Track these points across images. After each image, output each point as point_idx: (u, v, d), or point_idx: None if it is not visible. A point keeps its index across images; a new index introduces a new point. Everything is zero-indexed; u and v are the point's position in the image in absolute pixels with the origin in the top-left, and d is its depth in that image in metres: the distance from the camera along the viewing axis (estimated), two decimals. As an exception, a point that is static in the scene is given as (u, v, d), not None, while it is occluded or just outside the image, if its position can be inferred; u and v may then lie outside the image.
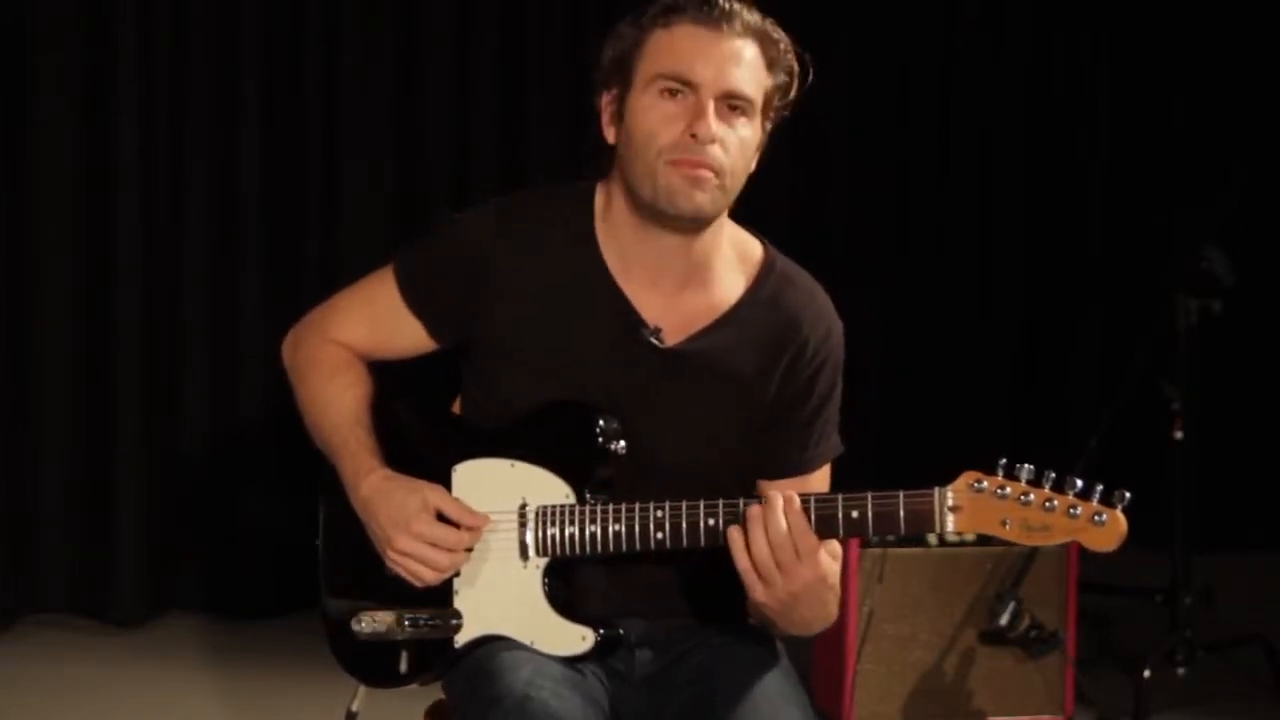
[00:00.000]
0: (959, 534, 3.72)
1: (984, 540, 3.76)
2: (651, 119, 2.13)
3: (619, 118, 2.18)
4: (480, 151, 4.78)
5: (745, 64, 2.14)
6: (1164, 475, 4.16)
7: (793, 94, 2.19)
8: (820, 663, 3.90)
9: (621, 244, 2.21)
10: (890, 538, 3.73)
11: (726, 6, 2.15)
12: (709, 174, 2.12)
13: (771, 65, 2.16)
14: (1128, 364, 4.13)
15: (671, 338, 2.21)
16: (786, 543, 2.01)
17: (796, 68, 2.19)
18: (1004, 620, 3.69)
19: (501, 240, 2.22)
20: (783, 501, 2.02)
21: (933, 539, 3.79)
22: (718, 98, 2.12)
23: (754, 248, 2.27)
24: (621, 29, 2.19)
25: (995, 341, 5.39)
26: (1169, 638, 4.09)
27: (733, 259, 2.24)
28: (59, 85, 4.40)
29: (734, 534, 2.04)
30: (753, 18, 2.16)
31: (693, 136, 2.10)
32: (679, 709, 2.19)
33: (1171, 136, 5.46)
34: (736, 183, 2.16)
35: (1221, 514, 5.31)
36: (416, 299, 2.28)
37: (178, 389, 4.57)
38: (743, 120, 2.14)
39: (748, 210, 2.28)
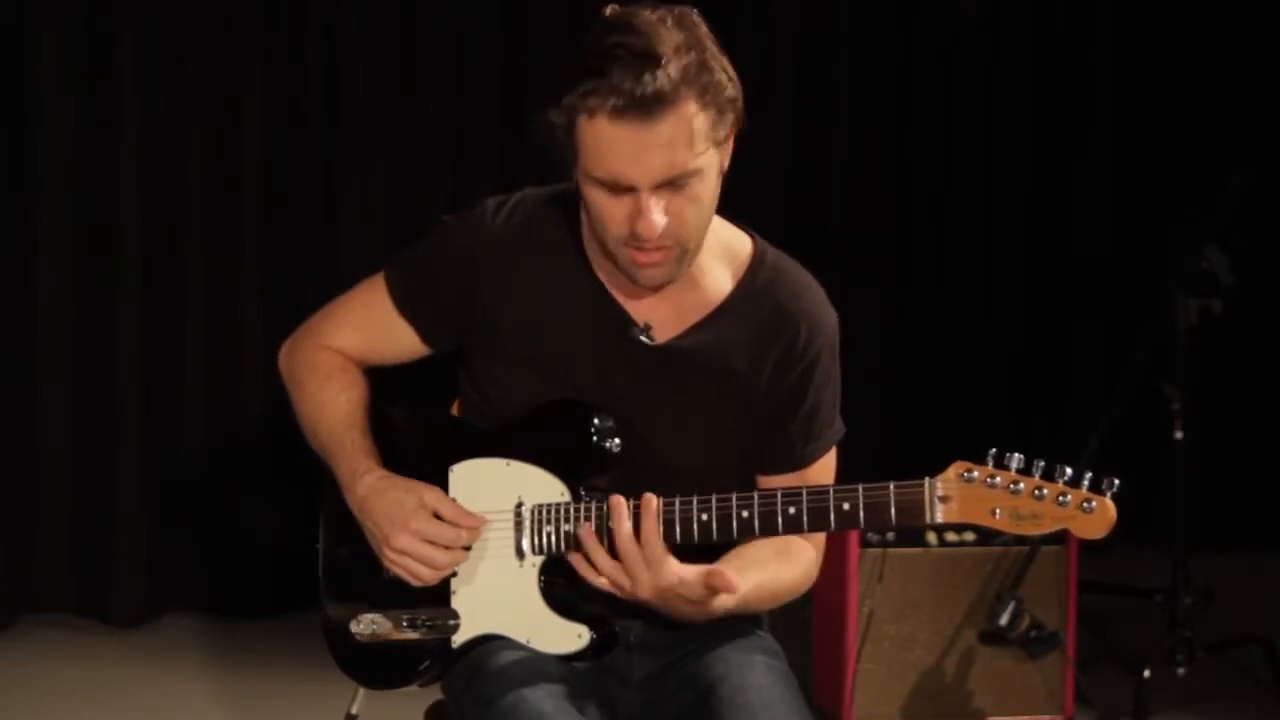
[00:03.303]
0: (951, 526, 3.77)
1: (984, 540, 3.77)
2: (598, 208, 2.08)
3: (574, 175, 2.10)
4: (480, 151, 4.78)
5: (679, 142, 1.99)
6: (1164, 475, 4.15)
7: (739, 104, 2.05)
8: (820, 663, 3.90)
9: None
10: (889, 536, 3.77)
11: (641, 91, 1.96)
12: (665, 254, 2.08)
13: (710, 105, 2.01)
14: (1128, 364, 4.12)
15: (662, 335, 2.20)
16: (631, 550, 2.02)
17: (734, 79, 2.04)
18: (1004, 620, 3.68)
19: (491, 244, 2.22)
20: (640, 506, 2.03)
21: (932, 538, 3.79)
22: (656, 188, 2.02)
23: (743, 242, 2.25)
24: (552, 102, 2.09)
25: (995, 341, 5.38)
26: (1169, 638, 4.08)
27: (721, 254, 2.22)
28: (59, 85, 4.40)
29: (584, 534, 2.07)
30: (676, 68, 1.97)
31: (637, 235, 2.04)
32: (676, 711, 2.19)
33: (1172, 137, 5.45)
34: (701, 231, 2.11)
35: (1221, 514, 5.30)
36: (408, 305, 2.28)
37: (178, 389, 4.57)
38: (692, 181, 2.03)
39: (748, 211, 2.27)
